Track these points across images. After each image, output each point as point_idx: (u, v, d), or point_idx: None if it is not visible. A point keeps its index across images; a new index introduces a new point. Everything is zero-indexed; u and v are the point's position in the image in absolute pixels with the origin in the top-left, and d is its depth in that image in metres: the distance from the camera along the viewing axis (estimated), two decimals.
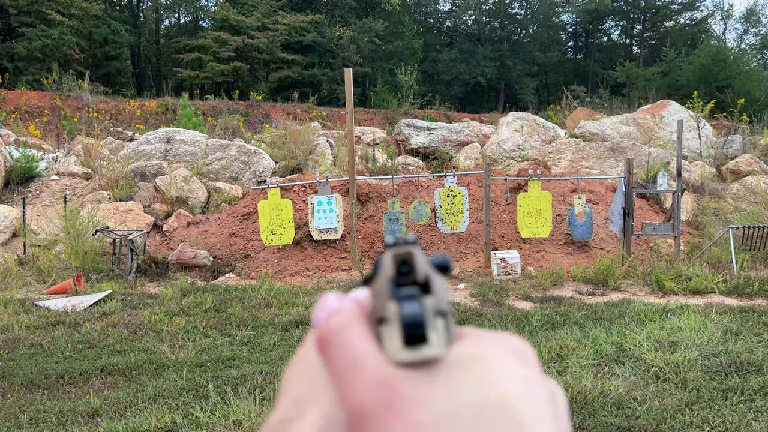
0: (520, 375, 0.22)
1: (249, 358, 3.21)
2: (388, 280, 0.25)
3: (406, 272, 0.25)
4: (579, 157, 7.87)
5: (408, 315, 0.23)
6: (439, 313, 0.24)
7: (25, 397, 2.75)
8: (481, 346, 0.23)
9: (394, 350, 0.23)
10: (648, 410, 2.44)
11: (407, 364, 0.22)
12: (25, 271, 5.53)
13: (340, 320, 0.25)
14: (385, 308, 0.24)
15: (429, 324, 0.23)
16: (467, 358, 0.22)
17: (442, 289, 0.25)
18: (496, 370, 0.22)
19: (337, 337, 0.24)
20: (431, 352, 0.22)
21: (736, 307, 4.12)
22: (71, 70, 15.46)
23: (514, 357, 0.23)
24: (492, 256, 5.47)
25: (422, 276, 0.25)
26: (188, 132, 8.27)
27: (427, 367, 0.22)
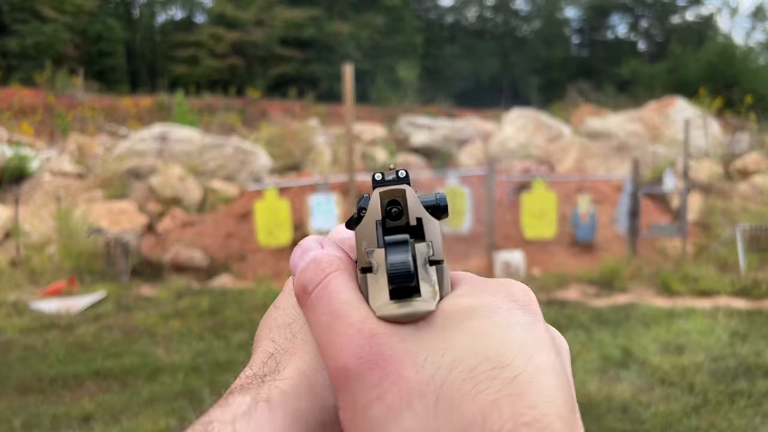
0: (521, 323, 0.20)
1: (245, 362, 3.18)
2: (376, 223, 0.22)
3: (396, 214, 0.22)
4: (584, 156, 7.78)
5: (396, 265, 0.20)
6: (433, 261, 0.22)
7: (18, 401, 2.74)
8: (478, 294, 0.21)
9: (381, 304, 0.21)
10: (654, 415, 2.43)
11: (395, 319, 0.20)
12: (17, 272, 5.43)
13: (322, 269, 0.22)
14: (371, 255, 0.22)
15: (420, 275, 0.21)
16: (462, 309, 0.21)
17: (436, 234, 0.22)
18: (494, 320, 0.20)
19: (317, 287, 0.22)
20: (421, 307, 0.20)
21: (743, 310, 4.08)
22: (65, 67, 15.25)
23: (514, 304, 0.21)
24: (495, 257, 5.39)
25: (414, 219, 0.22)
26: (183, 130, 8.15)
27: (417, 322, 0.20)
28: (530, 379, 0.18)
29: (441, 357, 0.19)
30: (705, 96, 9.46)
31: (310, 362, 0.22)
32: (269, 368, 0.23)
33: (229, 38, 21.22)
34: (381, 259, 0.21)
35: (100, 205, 6.48)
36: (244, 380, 0.23)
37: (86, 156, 7.70)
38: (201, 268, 5.66)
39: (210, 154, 7.73)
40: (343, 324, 0.20)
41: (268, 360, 0.23)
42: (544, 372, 0.19)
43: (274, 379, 0.22)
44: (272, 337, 0.24)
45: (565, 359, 0.22)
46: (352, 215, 0.24)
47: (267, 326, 0.25)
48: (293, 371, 0.22)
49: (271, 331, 0.24)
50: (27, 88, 14.61)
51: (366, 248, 0.22)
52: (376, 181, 0.23)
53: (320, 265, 0.23)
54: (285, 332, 0.24)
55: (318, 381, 0.22)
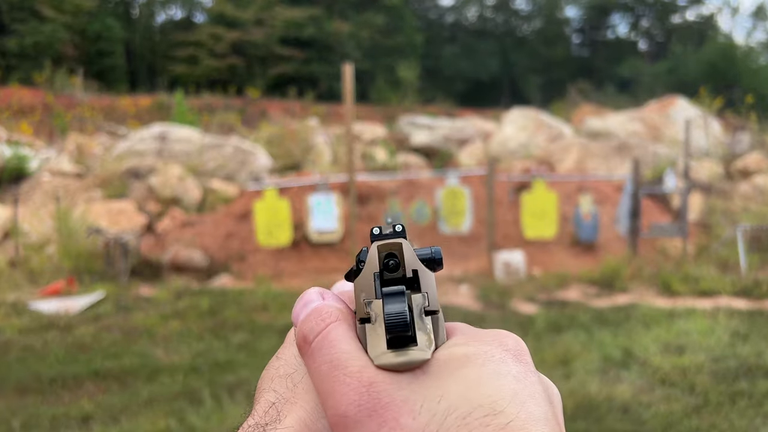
0: (513, 373, 0.21)
1: (245, 363, 3.20)
2: (374, 275, 0.23)
3: (393, 267, 0.23)
4: (585, 156, 7.77)
5: (393, 315, 0.21)
6: (428, 312, 0.22)
7: (17, 402, 2.73)
8: (473, 344, 0.22)
9: (379, 353, 0.21)
10: (655, 415, 2.43)
11: (393, 368, 0.21)
12: (16, 272, 5.42)
13: (322, 319, 0.23)
14: (369, 306, 0.22)
15: (416, 324, 0.22)
16: (457, 358, 0.21)
17: (431, 285, 0.23)
18: (487, 369, 0.21)
19: (318, 337, 0.23)
20: (418, 356, 0.21)
21: (744, 310, 4.09)
22: (64, 66, 15.23)
23: (507, 353, 0.22)
24: (495, 257, 5.37)
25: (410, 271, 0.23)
26: (183, 130, 8.13)
27: (413, 370, 0.21)
28: (522, 425, 0.18)
29: (437, 404, 0.19)
30: (706, 96, 9.45)
31: (311, 411, 0.22)
32: (270, 417, 0.23)
33: (229, 38, 21.19)
34: (379, 310, 0.22)
35: (99, 205, 6.46)
36: (246, 430, 0.23)
37: (85, 156, 7.69)
38: (200, 269, 5.65)
39: (209, 154, 7.71)
40: (342, 373, 0.21)
41: (270, 409, 0.23)
42: (536, 420, 0.19)
43: (276, 429, 0.22)
44: (274, 387, 0.24)
45: (557, 408, 0.22)
46: (351, 268, 0.25)
47: (269, 377, 0.25)
48: (294, 420, 0.22)
49: (273, 381, 0.25)
50: (26, 87, 14.58)
51: (364, 299, 0.23)
52: (374, 235, 0.24)
53: (320, 316, 0.23)
54: (286, 382, 0.24)
55: (319, 429, 0.22)
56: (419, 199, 5.95)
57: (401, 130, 10.59)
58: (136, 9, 26.41)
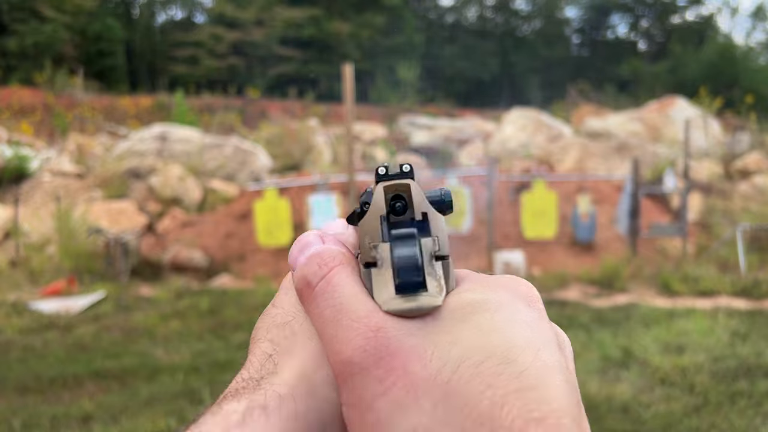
0: (526, 320, 0.20)
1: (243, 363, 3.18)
2: (380, 217, 0.22)
3: (400, 209, 0.22)
4: (584, 156, 7.77)
5: (403, 259, 0.20)
6: (438, 257, 0.21)
7: (18, 402, 2.73)
8: (484, 290, 0.21)
9: (387, 298, 0.20)
10: (654, 415, 2.42)
11: (401, 314, 0.20)
12: (17, 272, 5.42)
13: (325, 263, 0.22)
14: (376, 250, 0.21)
15: (426, 270, 0.21)
16: (468, 305, 0.20)
17: (442, 229, 0.22)
18: (500, 316, 0.20)
19: (321, 280, 0.21)
20: (428, 302, 0.20)
21: (744, 310, 4.08)
22: (64, 66, 15.23)
23: (519, 300, 0.21)
24: (495, 257, 5.38)
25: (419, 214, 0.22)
26: (183, 130, 8.14)
27: (424, 316, 0.20)
28: (537, 374, 0.18)
29: (448, 352, 0.19)
30: (705, 96, 9.45)
31: (311, 361, 0.22)
32: (267, 370, 0.22)
33: (229, 38, 21.20)
34: (386, 254, 0.21)
35: (99, 205, 6.47)
36: (240, 383, 0.22)
37: (86, 156, 7.69)
38: (200, 268, 5.65)
39: (210, 154, 7.71)
40: (348, 317, 0.20)
41: (266, 362, 0.22)
42: (551, 368, 0.18)
43: (272, 383, 0.21)
44: (270, 337, 0.23)
45: (569, 356, 0.21)
46: (354, 209, 0.24)
47: (264, 326, 0.24)
48: (292, 373, 0.21)
49: (269, 331, 0.24)
50: (26, 87, 14.58)
51: (370, 243, 0.22)
52: (379, 175, 0.23)
53: (323, 259, 0.22)
54: (284, 331, 0.23)
55: (319, 379, 0.21)
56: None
57: (401, 130, 10.59)
58: (137, 9, 26.41)
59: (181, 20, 27.01)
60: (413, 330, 0.20)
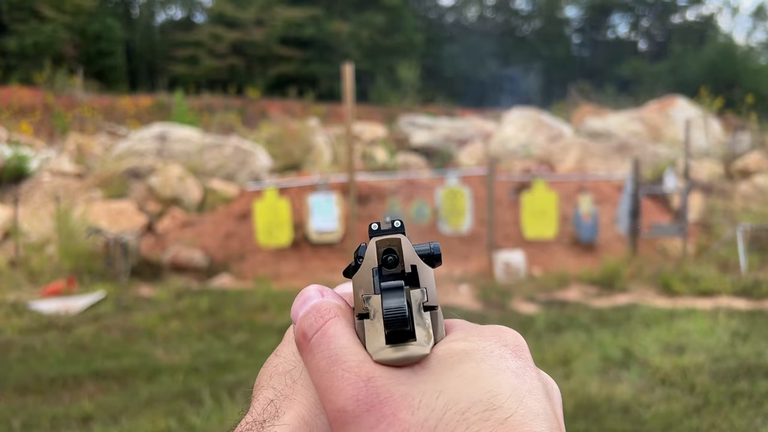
0: (512, 368, 0.21)
1: (245, 363, 3.20)
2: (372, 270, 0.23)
3: (391, 262, 0.23)
4: (585, 156, 7.77)
5: (392, 310, 0.21)
6: (427, 307, 0.22)
7: (17, 402, 2.73)
8: (471, 339, 0.22)
9: (378, 348, 0.21)
10: (655, 415, 2.42)
11: (391, 363, 0.21)
12: (16, 272, 5.42)
13: (321, 315, 0.23)
14: (368, 302, 0.22)
15: (415, 320, 0.22)
16: (456, 354, 0.21)
17: (430, 281, 0.23)
18: (486, 365, 0.20)
19: (317, 333, 0.22)
20: (416, 351, 0.21)
21: (744, 310, 4.08)
22: (64, 66, 15.23)
23: (506, 349, 0.22)
24: (495, 257, 5.37)
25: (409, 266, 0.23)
26: (183, 129, 8.13)
27: (412, 365, 0.21)
28: (522, 420, 0.18)
29: (435, 399, 0.19)
30: (706, 96, 9.44)
31: (310, 407, 0.22)
32: (269, 414, 0.23)
33: (229, 38, 21.19)
34: (377, 305, 0.22)
35: (99, 205, 6.46)
36: (244, 426, 0.23)
37: (85, 156, 7.68)
38: (200, 269, 5.65)
39: (210, 154, 7.71)
40: (341, 368, 0.21)
41: (268, 406, 0.23)
42: (536, 415, 0.19)
43: (274, 425, 0.22)
44: (272, 384, 0.24)
45: (556, 404, 0.22)
46: (350, 264, 0.25)
47: (267, 374, 0.25)
48: (293, 416, 0.22)
49: (272, 378, 0.25)
50: (26, 87, 14.57)
51: (363, 295, 0.23)
52: (372, 231, 0.24)
53: (319, 312, 0.23)
54: (285, 379, 0.24)
55: (317, 425, 0.22)
56: (419, 199, 5.95)
57: (401, 130, 10.58)
58: (136, 9, 26.40)
59: (180, 20, 26.99)
60: (403, 379, 0.20)
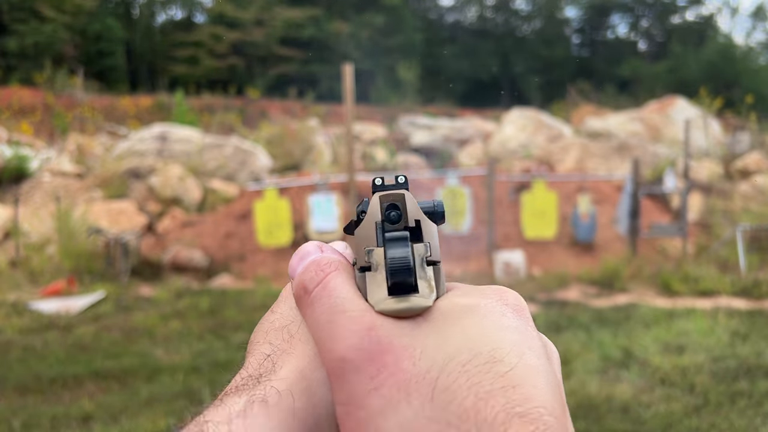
0: (513, 325, 0.21)
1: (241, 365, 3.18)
2: (375, 224, 0.23)
3: (395, 218, 0.23)
4: (584, 156, 7.77)
5: (396, 260, 0.21)
6: (430, 261, 0.22)
7: (18, 402, 2.73)
8: (473, 296, 0.22)
9: (380, 299, 0.21)
10: (654, 415, 2.42)
11: (393, 314, 0.21)
12: (17, 272, 5.42)
13: (321, 269, 0.23)
14: (370, 255, 0.22)
15: (418, 273, 0.21)
16: (458, 308, 0.21)
17: (434, 236, 0.23)
18: (488, 320, 0.21)
19: (318, 286, 0.22)
20: (419, 303, 0.21)
21: (744, 310, 4.09)
22: (64, 66, 15.23)
23: (507, 307, 0.22)
24: (495, 257, 5.38)
25: (413, 221, 0.23)
26: (183, 130, 8.14)
27: (415, 317, 0.21)
28: (522, 374, 0.19)
29: (437, 351, 0.19)
30: (705, 96, 9.45)
31: (308, 361, 0.22)
32: (265, 369, 0.23)
33: (229, 38, 21.20)
34: (380, 258, 0.22)
35: (99, 205, 6.47)
36: (240, 381, 0.23)
37: (86, 156, 7.69)
38: (201, 269, 5.65)
39: (210, 154, 7.71)
40: (342, 317, 0.21)
41: (265, 361, 0.23)
42: (536, 371, 0.19)
43: (270, 379, 0.22)
44: (269, 340, 0.24)
45: (556, 365, 0.22)
46: (352, 219, 0.25)
47: (263, 330, 0.25)
48: (290, 370, 0.22)
49: (268, 334, 0.25)
50: (26, 87, 14.57)
51: (366, 248, 0.23)
52: (375, 186, 0.24)
53: (320, 266, 0.23)
54: (282, 333, 0.24)
55: (315, 379, 0.22)
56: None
57: (401, 130, 10.59)
58: (137, 9, 26.41)
59: (181, 20, 26.99)
60: (405, 330, 0.20)
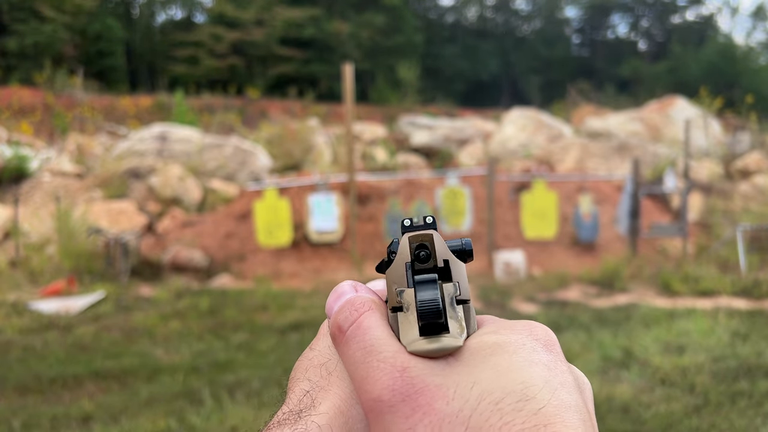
0: (544, 361, 0.21)
1: (245, 363, 3.20)
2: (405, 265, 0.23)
3: (424, 257, 0.23)
4: (585, 156, 7.77)
5: (426, 302, 0.22)
6: (459, 300, 0.23)
7: (18, 402, 2.73)
8: (503, 333, 0.22)
9: (412, 339, 0.22)
10: (655, 415, 2.42)
11: (425, 354, 0.21)
12: (16, 272, 5.42)
13: (356, 309, 0.24)
14: (401, 295, 0.23)
15: (448, 312, 0.22)
16: (488, 346, 0.22)
17: (462, 275, 0.24)
18: (518, 357, 0.21)
19: (352, 326, 0.23)
20: (450, 343, 0.21)
21: (744, 310, 4.08)
22: (64, 66, 15.23)
23: (537, 342, 0.22)
24: (495, 257, 5.38)
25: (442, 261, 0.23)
26: (183, 130, 8.14)
27: (446, 357, 0.21)
28: (555, 411, 0.19)
29: (469, 390, 0.20)
30: (706, 96, 9.45)
31: (346, 398, 0.23)
32: (305, 405, 0.24)
33: (229, 38, 21.20)
34: (411, 298, 0.23)
35: (99, 205, 6.46)
36: (281, 416, 0.24)
37: (85, 156, 7.69)
38: (200, 269, 5.65)
39: (210, 154, 7.71)
40: (376, 358, 0.21)
41: (304, 397, 0.24)
42: (568, 407, 0.19)
43: (311, 415, 0.23)
44: (308, 377, 0.25)
45: (588, 398, 0.22)
46: (383, 260, 0.25)
47: (302, 367, 0.26)
48: (329, 406, 0.23)
49: (307, 371, 0.25)
50: (26, 87, 14.58)
51: (396, 289, 0.23)
52: (405, 227, 0.25)
53: (354, 306, 0.24)
54: (320, 371, 0.25)
55: (353, 415, 0.23)
56: (419, 199, 5.95)
57: (401, 130, 10.59)
58: (136, 9, 26.40)
59: (181, 20, 26.98)
60: (437, 370, 0.21)
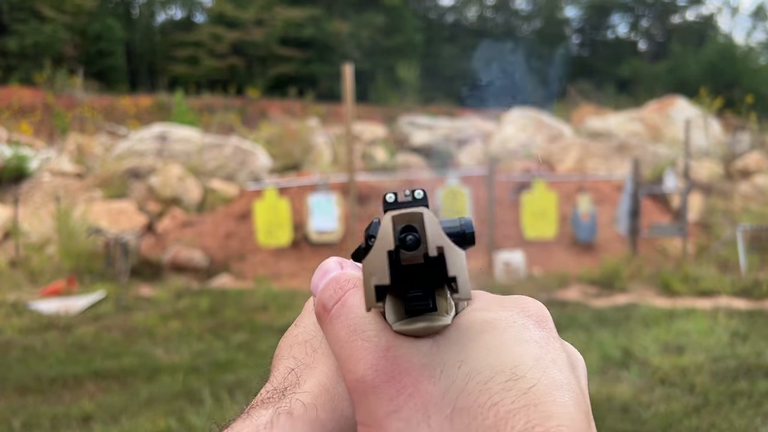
0: (535, 338, 0.20)
1: (245, 363, 3.21)
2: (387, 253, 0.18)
3: (411, 243, 0.19)
4: (584, 156, 7.77)
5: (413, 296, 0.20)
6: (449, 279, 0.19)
7: (18, 402, 2.74)
8: (494, 309, 0.22)
9: (397, 318, 0.20)
10: (654, 415, 2.43)
11: (411, 333, 0.20)
12: (17, 272, 5.42)
13: (341, 286, 0.23)
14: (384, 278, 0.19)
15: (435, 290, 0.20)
16: (477, 324, 0.21)
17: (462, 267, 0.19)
18: (508, 335, 0.20)
19: (337, 303, 0.22)
20: (437, 321, 0.20)
21: (744, 310, 4.09)
22: (64, 66, 15.23)
23: (528, 319, 0.21)
24: (495, 257, 5.38)
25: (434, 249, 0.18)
26: (183, 130, 8.14)
27: (433, 335, 0.20)
28: (545, 391, 0.18)
29: (457, 369, 0.19)
30: (705, 96, 9.45)
31: (330, 375, 0.23)
32: (290, 382, 0.23)
33: (229, 38, 21.20)
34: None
35: (99, 205, 6.47)
36: (265, 395, 0.23)
37: (85, 156, 7.70)
38: (200, 268, 5.65)
39: (209, 154, 7.71)
40: (360, 338, 0.21)
41: (289, 375, 0.24)
42: (559, 386, 0.19)
43: (295, 392, 0.22)
44: (293, 354, 0.25)
45: (581, 375, 0.21)
46: (360, 245, 0.23)
47: (287, 344, 0.26)
48: (314, 384, 0.23)
49: (292, 348, 0.25)
50: (26, 87, 14.58)
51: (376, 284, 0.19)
52: (387, 204, 0.20)
53: (339, 283, 0.23)
54: (305, 348, 0.24)
55: (338, 393, 0.22)
56: None
57: (401, 130, 10.59)
58: (136, 9, 26.40)
59: (181, 20, 26.98)
60: (423, 349, 0.20)
